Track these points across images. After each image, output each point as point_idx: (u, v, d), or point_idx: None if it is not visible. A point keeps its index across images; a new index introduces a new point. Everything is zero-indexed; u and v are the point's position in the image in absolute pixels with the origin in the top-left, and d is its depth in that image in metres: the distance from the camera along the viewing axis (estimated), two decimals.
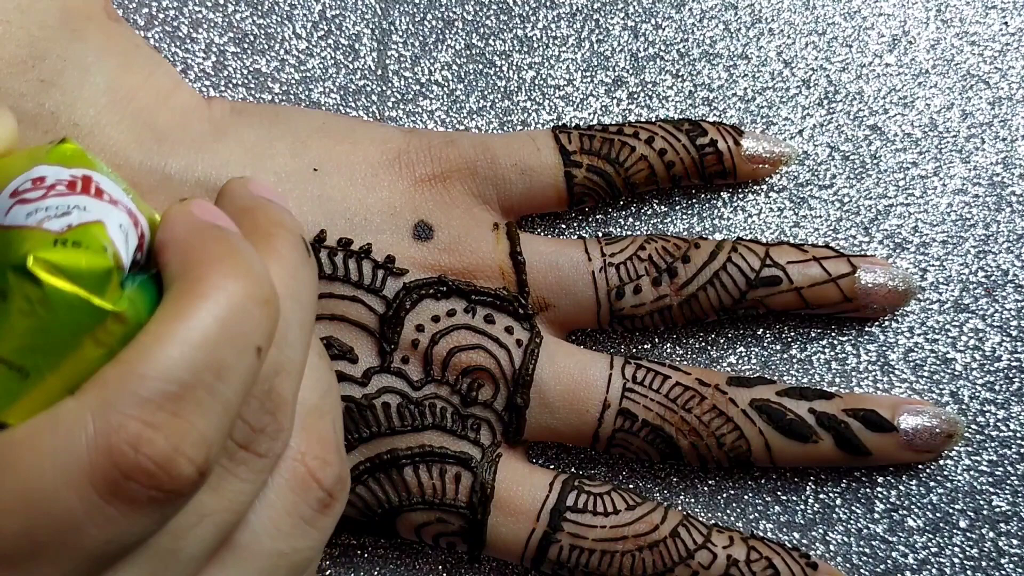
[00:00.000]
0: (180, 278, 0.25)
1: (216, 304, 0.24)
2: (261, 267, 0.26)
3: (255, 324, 0.25)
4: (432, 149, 0.39)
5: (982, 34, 0.42)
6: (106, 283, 0.24)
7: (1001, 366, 0.40)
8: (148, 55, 0.39)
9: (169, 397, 0.23)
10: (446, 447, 0.37)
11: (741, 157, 0.40)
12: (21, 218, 0.25)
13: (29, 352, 0.24)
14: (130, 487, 0.23)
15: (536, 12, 0.42)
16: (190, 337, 0.24)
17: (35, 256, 0.24)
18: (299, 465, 0.29)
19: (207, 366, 0.24)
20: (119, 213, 0.25)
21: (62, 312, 0.24)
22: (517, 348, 0.38)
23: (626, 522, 0.37)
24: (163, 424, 0.23)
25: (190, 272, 0.25)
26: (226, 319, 0.24)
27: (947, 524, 0.40)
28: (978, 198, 0.41)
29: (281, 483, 0.28)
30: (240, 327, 0.24)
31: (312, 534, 0.29)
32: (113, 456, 0.23)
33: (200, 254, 0.25)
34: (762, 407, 0.38)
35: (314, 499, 0.29)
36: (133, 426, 0.23)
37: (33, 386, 0.24)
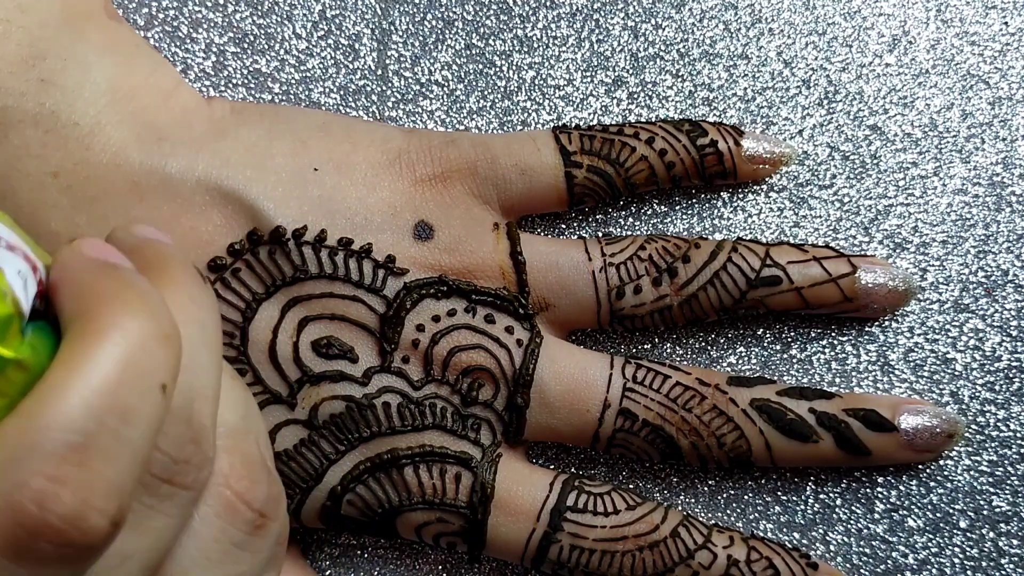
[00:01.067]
0: (76, 320, 0.24)
1: (114, 345, 0.23)
2: (159, 301, 0.25)
3: (157, 362, 0.24)
4: (432, 149, 0.39)
5: (982, 34, 0.42)
6: (6, 331, 0.23)
7: (1001, 366, 0.40)
8: (148, 55, 0.39)
9: (73, 448, 0.22)
10: (446, 447, 0.37)
11: (741, 157, 0.40)
12: None
13: None
14: (39, 547, 0.22)
15: (536, 12, 0.42)
16: (90, 383, 0.23)
17: None
18: (224, 489, 0.28)
19: (110, 411, 0.23)
20: (16, 259, 0.25)
21: None
22: (517, 348, 0.38)
23: (626, 522, 0.37)
24: (69, 477, 0.22)
25: (86, 313, 0.24)
26: (126, 360, 0.23)
27: (947, 524, 0.40)
28: (978, 198, 0.41)
29: (207, 511, 0.28)
30: (142, 367, 0.24)
31: (246, 558, 0.29)
32: (17, 516, 0.22)
33: (94, 293, 0.24)
34: (762, 407, 0.38)
35: (243, 522, 0.28)
36: (37, 482, 0.22)
37: None
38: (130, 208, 0.36)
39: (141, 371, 0.24)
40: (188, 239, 0.36)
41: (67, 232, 0.35)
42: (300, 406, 0.37)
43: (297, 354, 0.37)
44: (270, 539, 0.29)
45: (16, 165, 0.35)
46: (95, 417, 0.23)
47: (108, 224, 0.35)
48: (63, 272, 0.25)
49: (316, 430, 0.37)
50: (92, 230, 0.35)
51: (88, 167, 0.35)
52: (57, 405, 0.22)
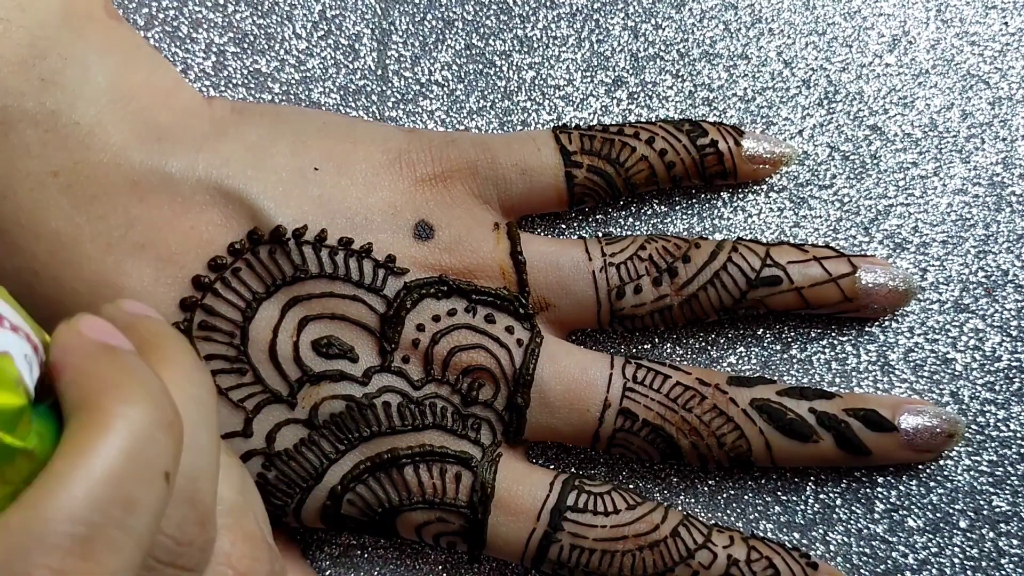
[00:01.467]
0: (79, 408, 0.24)
1: (119, 435, 0.23)
2: (160, 387, 0.25)
3: (161, 450, 0.24)
4: (433, 149, 0.39)
5: (982, 34, 0.42)
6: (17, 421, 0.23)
7: (1001, 366, 0.40)
8: (148, 54, 0.39)
9: (78, 540, 0.22)
10: (446, 446, 0.37)
11: (742, 158, 0.40)
12: None
13: None
14: None
15: (536, 12, 0.42)
16: (94, 474, 0.22)
17: None
18: (227, 570, 0.28)
19: (115, 502, 0.23)
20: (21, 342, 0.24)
21: None
22: (518, 348, 0.38)
23: (626, 522, 0.37)
24: (74, 570, 0.22)
25: (88, 401, 0.24)
26: (131, 450, 0.23)
27: (947, 524, 0.40)
28: (978, 198, 0.41)
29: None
30: (146, 456, 0.23)
31: None
32: None
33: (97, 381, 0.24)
34: (762, 407, 0.38)
35: None
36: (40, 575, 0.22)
37: None
38: (130, 207, 0.36)
39: (145, 461, 0.23)
40: (188, 238, 0.36)
41: (67, 231, 0.35)
42: (300, 405, 0.37)
43: (297, 353, 0.37)
44: None
45: (16, 164, 0.35)
46: (100, 509, 0.22)
47: (107, 223, 0.35)
48: (64, 355, 0.25)
49: (316, 429, 0.37)
50: (92, 229, 0.35)
51: (88, 166, 0.35)
52: (61, 496, 0.22)
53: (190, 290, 0.36)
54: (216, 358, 0.37)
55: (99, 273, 0.36)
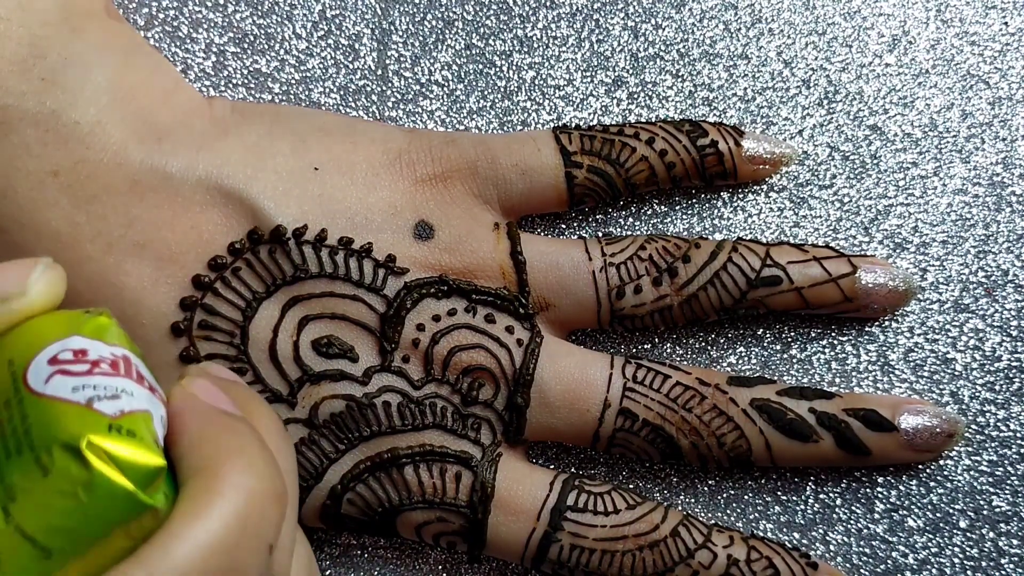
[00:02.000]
0: (197, 473, 0.24)
1: (232, 503, 0.24)
2: (271, 459, 0.25)
3: (269, 522, 0.24)
4: (433, 149, 0.39)
5: (982, 34, 0.42)
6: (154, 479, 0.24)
7: (1001, 366, 0.40)
8: (149, 54, 0.39)
9: None
10: (446, 446, 0.37)
11: (742, 158, 0.40)
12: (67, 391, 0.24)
13: (58, 534, 0.24)
14: None
15: (536, 12, 0.42)
16: (208, 540, 0.23)
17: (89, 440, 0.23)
18: None
19: (224, 569, 0.23)
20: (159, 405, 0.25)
21: (104, 500, 0.23)
22: (518, 348, 0.38)
23: (626, 522, 0.37)
24: None
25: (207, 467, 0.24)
26: (243, 519, 0.24)
27: (947, 524, 0.40)
28: (978, 198, 0.41)
29: None
30: (256, 526, 0.24)
31: None
32: None
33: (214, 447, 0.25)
34: (762, 407, 0.38)
35: None
36: None
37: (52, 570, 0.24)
38: (130, 207, 0.36)
39: (255, 531, 0.24)
40: (188, 238, 0.36)
41: (67, 231, 0.35)
42: (300, 405, 0.37)
43: (297, 353, 0.37)
44: None
45: (16, 164, 0.35)
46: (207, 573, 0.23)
47: (107, 223, 0.35)
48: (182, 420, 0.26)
49: (316, 429, 0.37)
50: (91, 229, 0.35)
51: (88, 166, 0.35)
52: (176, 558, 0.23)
53: (190, 289, 0.36)
54: (216, 357, 0.37)
55: (99, 273, 0.36)
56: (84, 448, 0.23)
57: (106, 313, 0.27)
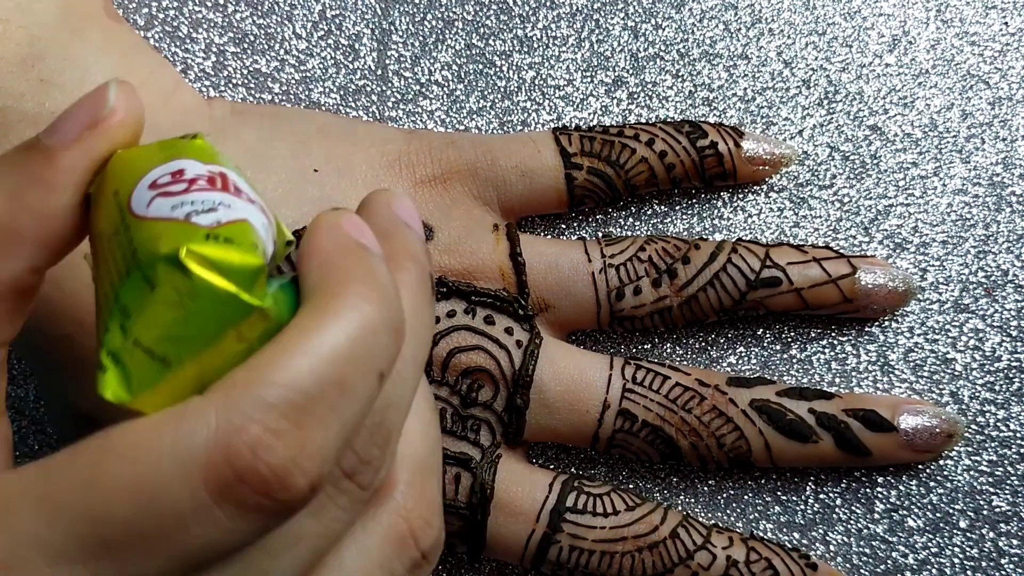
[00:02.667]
0: (319, 291, 0.25)
1: (349, 323, 0.24)
2: (396, 294, 0.26)
3: (382, 349, 0.25)
4: (433, 150, 0.39)
5: (982, 34, 0.42)
6: (255, 280, 0.24)
7: (1001, 366, 0.40)
8: (148, 55, 0.39)
9: (294, 407, 0.23)
10: (446, 448, 0.37)
11: (741, 159, 0.40)
12: (166, 210, 0.25)
13: (172, 342, 0.24)
14: (242, 491, 0.23)
15: (536, 12, 0.42)
16: (320, 351, 0.23)
17: (188, 248, 0.24)
18: (402, 521, 0.28)
19: (333, 382, 0.23)
20: (259, 213, 0.26)
21: (209, 305, 0.24)
22: (517, 349, 0.38)
23: (626, 523, 0.37)
24: (285, 433, 0.23)
25: (329, 287, 0.25)
26: (357, 339, 0.24)
27: (947, 524, 0.40)
28: (978, 198, 0.41)
29: (380, 533, 0.28)
30: (369, 349, 0.24)
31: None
32: (230, 457, 0.22)
33: (341, 271, 0.25)
34: (762, 407, 0.38)
35: (408, 558, 0.29)
36: (255, 430, 0.23)
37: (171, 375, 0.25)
38: None
39: (367, 353, 0.24)
40: None
41: None
42: None
43: None
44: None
45: None
46: (319, 383, 0.23)
47: None
48: (318, 240, 0.26)
49: None
50: None
51: None
52: (287, 364, 0.23)
53: None
54: None
55: None
56: (183, 257, 0.24)
57: (200, 135, 0.27)
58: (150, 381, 0.25)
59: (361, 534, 0.28)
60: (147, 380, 0.25)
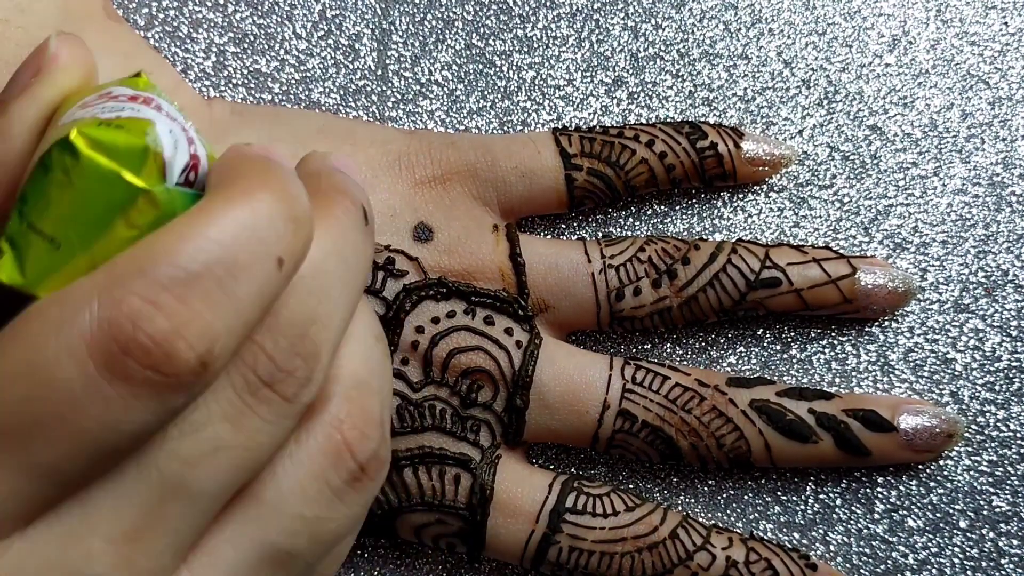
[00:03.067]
0: (215, 187, 0.25)
1: (240, 208, 0.24)
2: (299, 192, 0.26)
3: (278, 235, 0.25)
4: (432, 151, 0.39)
5: (982, 34, 0.42)
6: (141, 163, 0.25)
7: (1001, 366, 0.40)
8: (148, 55, 0.39)
9: (176, 281, 0.23)
10: (446, 448, 0.37)
11: (741, 160, 0.40)
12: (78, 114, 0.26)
13: (62, 224, 0.25)
14: (127, 364, 0.23)
15: (536, 12, 0.42)
16: (207, 232, 0.24)
17: (78, 130, 0.25)
18: (335, 432, 0.28)
19: (219, 260, 0.24)
20: (171, 123, 0.26)
21: (95, 185, 0.25)
22: (517, 349, 0.38)
23: (625, 523, 0.37)
24: (166, 305, 0.23)
25: (225, 183, 0.25)
26: (247, 222, 0.24)
27: (947, 524, 0.40)
28: (978, 198, 0.41)
29: (313, 445, 0.28)
30: (261, 234, 0.24)
31: (338, 507, 0.29)
32: (112, 330, 0.23)
33: (240, 171, 0.26)
34: (762, 408, 0.38)
35: (345, 470, 0.29)
36: (135, 302, 0.23)
37: (64, 261, 0.25)
38: None
39: (260, 237, 0.24)
40: None
41: None
42: None
43: None
44: (365, 498, 0.30)
45: None
46: (203, 261, 0.24)
47: None
48: (224, 155, 0.27)
49: None
50: None
51: None
52: (170, 243, 0.24)
53: None
54: None
55: None
56: (73, 138, 0.25)
57: (143, 73, 0.28)
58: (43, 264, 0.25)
59: (295, 447, 0.28)
60: (40, 263, 0.25)
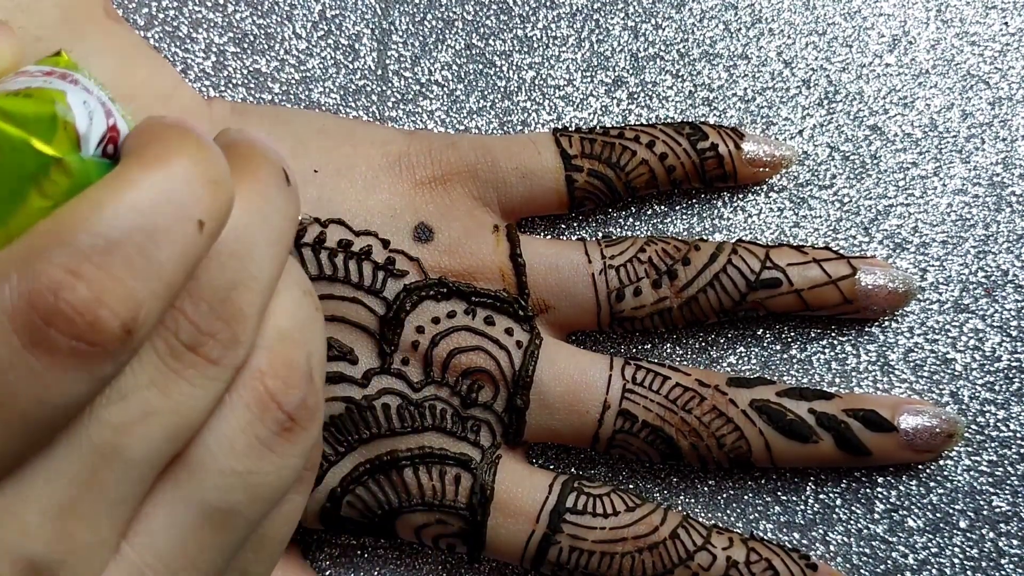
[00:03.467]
0: (129, 154, 0.25)
1: (156, 173, 0.24)
2: (216, 155, 0.26)
3: (197, 198, 0.25)
4: (433, 151, 0.39)
5: (982, 34, 0.42)
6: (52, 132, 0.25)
7: (1001, 366, 0.40)
8: (148, 55, 0.39)
9: (96, 250, 0.23)
10: (446, 448, 0.37)
11: (742, 161, 0.40)
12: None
13: None
14: (50, 335, 0.23)
15: (536, 12, 0.42)
16: (123, 199, 0.24)
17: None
18: (257, 384, 0.28)
19: (139, 228, 0.24)
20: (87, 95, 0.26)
21: (6, 155, 0.24)
22: (517, 350, 0.38)
23: (626, 523, 0.37)
24: (87, 274, 0.23)
25: (140, 149, 0.25)
26: (164, 187, 0.24)
27: (947, 524, 0.40)
28: (978, 198, 0.41)
29: (236, 399, 0.28)
30: (180, 197, 0.24)
31: (271, 458, 0.28)
32: (33, 301, 0.23)
33: (155, 137, 0.25)
34: (762, 408, 0.38)
35: (272, 420, 0.28)
36: (55, 272, 0.23)
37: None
38: None
39: (178, 201, 0.24)
40: None
41: None
42: None
43: None
44: (299, 448, 0.29)
45: None
46: (122, 228, 0.23)
47: None
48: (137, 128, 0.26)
49: None
50: None
51: None
52: (87, 211, 0.23)
53: None
54: None
55: None
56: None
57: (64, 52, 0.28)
58: None
59: (222, 405, 0.28)
60: None
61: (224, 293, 0.27)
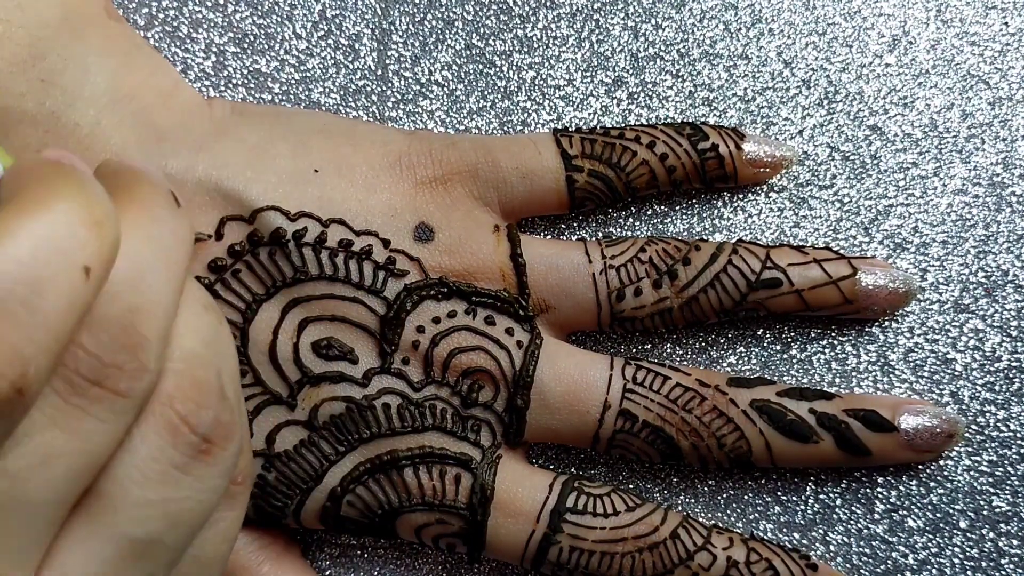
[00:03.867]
0: (7, 201, 0.24)
1: (35, 221, 0.23)
2: (97, 192, 0.25)
3: (80, 244, 0.24)
4: (433, 151, 0.39)
5: (982, 34, 0.42)
6: None
7: (1001, 366, 0.40)
8: (148, 55, 0.39)
9: None
10: (446, 448, 0.37)
11: (743, 161, 0.40)
12: None
13: None
14: None
15: (536, 12, 0.42)
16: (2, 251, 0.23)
17: None
18: (166, 409, 0.28)
19: (21, 281, 0.23)
20: None
21: None
22: (517, 349, 0.38)
23: (626, 523, 0.37)
24: None
25: (18, 195, 0.24)
26: (45, 235, 0.23)
27: (947, 524, 0.40)
28: (978, 198, 0.41)
29: (147, 427, 0.27)
30: (62, 245, 0.24)
31: (188, 483, 0.28)
32: None
33: (32, 180, 0.25)
34: (762, 408, 0.38)
35: (184, 444, 0.28)
36: None
37: None
38: None
39: (60, 249, 0.24)
40: None
41: None
42: (300, 407, 0.37)
43: (297, 355, 0.37)
44: (217, 468, 0.29)
45: None
46: (5, 283, 0.23)
47: None
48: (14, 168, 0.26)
49: (316, 431, 0.37)
50: None
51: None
52: None
53: None
54: None
55: None
56: None
57: None
58: None
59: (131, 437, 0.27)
60: None
61: (124, 322, 0.26)
